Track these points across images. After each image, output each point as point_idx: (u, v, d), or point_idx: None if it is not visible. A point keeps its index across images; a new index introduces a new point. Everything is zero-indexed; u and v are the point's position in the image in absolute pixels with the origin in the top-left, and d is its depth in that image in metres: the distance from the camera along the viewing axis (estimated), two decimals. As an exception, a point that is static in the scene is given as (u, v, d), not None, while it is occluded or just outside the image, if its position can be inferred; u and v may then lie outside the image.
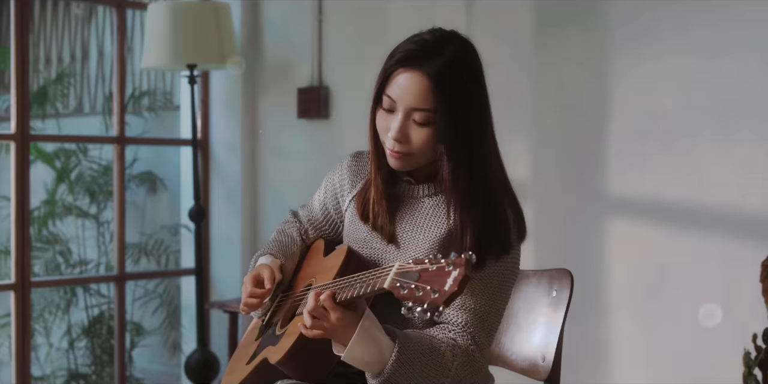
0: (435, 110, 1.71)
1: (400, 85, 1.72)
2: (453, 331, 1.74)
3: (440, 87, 1.69)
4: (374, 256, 1.85)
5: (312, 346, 1.74)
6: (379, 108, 1.78)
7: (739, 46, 3.02)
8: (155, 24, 3.95)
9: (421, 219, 1.83)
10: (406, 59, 1.72)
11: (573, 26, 3.39)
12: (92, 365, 4.74)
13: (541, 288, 2.09)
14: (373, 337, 1.63)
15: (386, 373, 1.64)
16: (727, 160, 3.03)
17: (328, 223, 2.05)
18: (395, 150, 1.75)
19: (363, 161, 1.97)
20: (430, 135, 1.73)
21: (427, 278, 1.44)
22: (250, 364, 1.90)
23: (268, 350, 1.85)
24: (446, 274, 1.42)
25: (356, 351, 1.62)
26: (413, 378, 1.66)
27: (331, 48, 4.12)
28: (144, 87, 5.27)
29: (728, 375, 2.92)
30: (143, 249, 4.90)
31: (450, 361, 1.70)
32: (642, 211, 3.22)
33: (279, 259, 1.98)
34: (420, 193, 1.85)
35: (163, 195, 5.17)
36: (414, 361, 1.66)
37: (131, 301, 4.79)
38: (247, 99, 4.37)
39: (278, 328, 1.90)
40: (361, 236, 1.88)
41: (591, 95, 3.34)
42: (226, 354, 4.20)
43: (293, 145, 4.26)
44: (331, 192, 2.02)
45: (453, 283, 1.41)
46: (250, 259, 4.28)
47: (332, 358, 1.75)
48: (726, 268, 3.02)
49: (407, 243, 1.82)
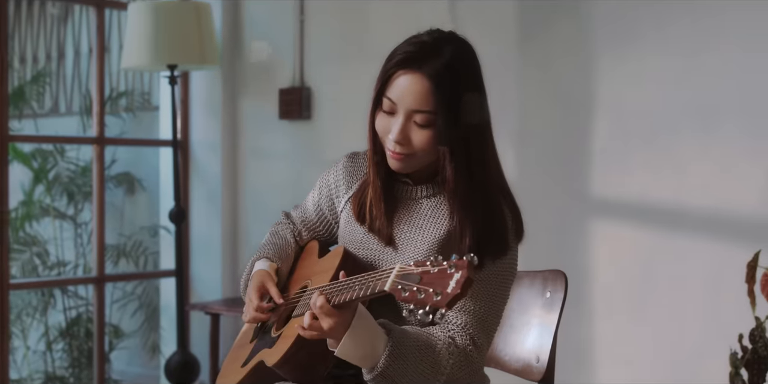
0: (436, 112, 1.71)
1: (401, 87, 1.72)
2: (452, 330, 1.74)
3: (440, 88, 1.69)
4: (371, 258, 1.85)
5: (309, 349, 1.73)
6: (378, 110, 1.77)
7: (720, 45, 3.04)
8: (136, 24, 3.93)
9: (419, 220, 1.83)
10: (405, 61, 1.72)
11: (557, 26, 3.40)
12: (69, 368, 4.70)
13: (534, 289, 2.09)
14: (365, 332, 1.63)
15: (380, 368, 1.64)
16: (710, 159, 3.05)
17: (322, 225, 2.04)
18: (396, 152, 1.75)
19: (359, 162, 1.97)
20: (431, 136, 1.73)
21: (429, 280, 1.44)
22: (246, 367, 1.89)
23: (264, 352, 1.84)
24: (448, 276, 1.42)
25: (349, 346, 1.63)
26: (407, 373, 1.66)
27: (313, 48, 4.11)
28: (122, 87, 5.23)
29: (714, 375, 2.93)
30: (122, 250, 4.86)
31: (446, 359, 1.70)
32: (626, 212, 3.23)
33: (275, 263, 1.97)
34: (419, 194, 1.85)
35: (141, 196, 5.13)
36: (408, 357, 1.66)
37: (109, 303, 4.75)
38: (227, 99, 4.35)
39: (274, 331, 1.89)
40: (357, 237, 1.88)
41: (575, 95, 3.35)
42: (206, 356, 4.17)
43: (274, 146, 4.24)
44: (326, 193, 2.01)
45: (456, 285, 1.40)
46: (231, 261, 4.33)
47: (329, 360, 1.74)
48: (711, 268, 3.04)
49: (405, 244, 1.82)
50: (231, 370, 1.97)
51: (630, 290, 3.22)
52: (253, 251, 4.20)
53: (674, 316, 3.12)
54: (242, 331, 2.11)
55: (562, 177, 3.38)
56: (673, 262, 3.13)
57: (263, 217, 4.28)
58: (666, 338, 3.14)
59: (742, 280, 2.65)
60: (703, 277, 3.06)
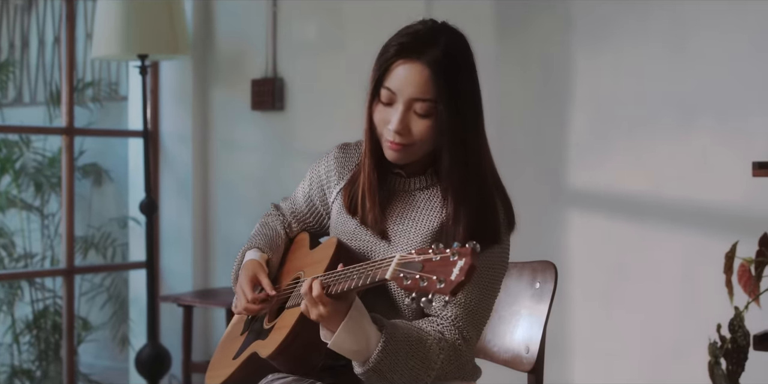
0: (436, 100, 1.71)
1: (400, 77, 1.72)
2: (441, 325, 1.74)
3: (440, 76, 1.70)
4: (363, 249, 1.84)
5: (303, 340, 1.73)
6: (376, 101, 1.77)
7: (697, 38, 3.07)
8: (106, 13, 3.87)
9: (413, 212, 1.83)
10: (403, 51, 1.72)
11: (534, 21, 3.41)
12: (36, 361, 4.65)
13: (523, 280, 2.10)
14: (360, 326, 1.63)
15: (371, 363, 1.64)
16: (687, 151, 3.08)
17: (312, 216, 2.03)
18: (396, 142, 1.74)
19: (350, 153, 1.96)
20: (431, 126, 1.73)
21: (432, 268, 1.43)
22: (238, 359, 1.88)
23: (258, 344, 1.83)
24: (452, 263, 1.42)
25: (343, 340, 1.62)
26: (398, 368, 1.66)
27: (286, 39, 4.08)
28: (88, 78, 5.16)
29: (691, 365, 2.97)
30: (89, 242, 4.81)
31: (436, 354, 1.70)
32: (602, 203, 3.26)
33: (266, 254, 1.96)
34: (412, 186, 1.85)
35: (108, 187, 5.08)
36: (399, 352, 1.66)
37: (77, 296, 4.70)
38: (198, 90, 4.31)
39: (266, 322, 1.88)
40: (349, 229, 1.87)
41: (553, 89, 3.37)
42: (177, 348, 4.14)
43: (246, 137, 4.22)
44: (317, 184, 2.00)
45: (459, 272, 1.40)
46: (202, 252, 4.30)
47: (323, 352, 1.74)
48: (688, 259, 3.08)
49: (398, 236, 1.82)
50: (222, 363, 1.96)
51: (606, 281, 3.25)
52: (225, 242, 4.25)
53: (650, 306, 3.15)
54: (232, 324, 2.09)
55: (539, 169, 3.40)
56: (649, 253, 3.16)
57: (234, 209, 4.26)
58: (642, 328, 3.17)
59: (717, 271, 2.69)
60: (679, 268, 3.10)
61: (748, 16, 2.98)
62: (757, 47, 2.97)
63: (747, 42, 2.99)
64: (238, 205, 4.25)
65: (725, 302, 2.68)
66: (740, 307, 2.57)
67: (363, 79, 3.85)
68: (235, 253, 4.49)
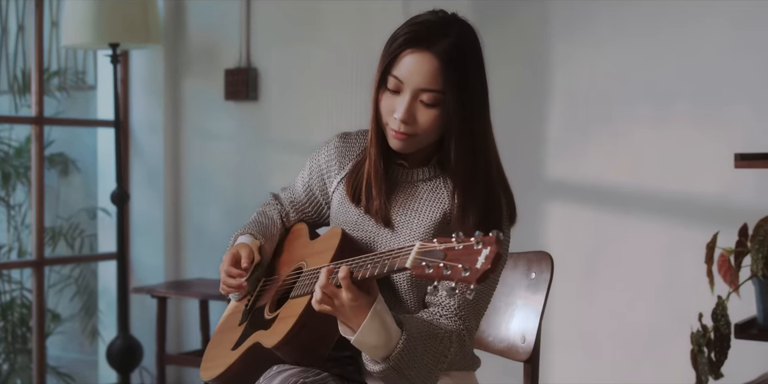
0: (444, 91, 1.70)
1: (408, 66, 1.71)
2: (445, 315, 1.75)
3: (450, 67, 1.69)
4: (366, 239, 1.84)
5: (310, 330, 1.71)
6: (383, 90, 1.76)
7: (675, 31, 3.11)
8: (77, 1, 3.82)
9: (416, 203, 1.83)
10: (413, 40, 1.71)
11: (511, 16, 3.42)
12: (3, 354, 4.57)
13: (518, 271, 2.11)
14: (383, 322, 1.62)
15: (392, 360, 1.63)
16: (666, 143, 3.12)
17: (312, 206, 2.02)
18: (401, 131, 1.74)
19: (350, 142, 1.95)
20: (437, 116, 1.73)
21: (455, 257, 1.42)
22: (238, 350, 1.86)
23: (260, 334, 1.81)
24: (476, 252, 1.40)
25: (367, 335, 1.61)
26: (415, 365, 1.66)
27: (260, 29, 4.06)
28: (53, 66, 5.08)
29: (670, 353, 3.02)
30: (57, 233, 4.75)
31: (447, 348, 1.71)
32: (583, 194, 3.28)
33: (258, 240, 1.94)
34: (415, 177, 1.85)
35: (75, 177, 5.01)
36: (417, 348, 1.65)
37: (45, 288, 4.63)
38: (170, 79, 4.27)
39: (267, 312, 1.86)
40: (351, 219, 1.86)
41: (530, 82, 3.38)
42: (149, 340, 4.11)
43: (220, 127, 4.18)
44: (317, 173, 1.99)
45: (485, 260, 1.39)
46: (173, 244, 4.26)
47: (331, 342, 1.73)
48: (668, 249, 3.11)
49: (402, 226, 1.81)
50: (219, 354, 1.94)
51: (586, 271, 3.28)
52: (197, 234, 4.22)
53: (630, 296, 3.18)
54: (226, 315, 2.07)
55: (517, 161, 3.40)
56: (628, 243, 3.19)
57: (207, 199, 4.23)
58: (621, 318, 3.20)
59: (697, 262, 2.73)
60: (659, 259, 3.13)
61: (724, 6, 3.02)
62: (734, 37, 3.01)
63: (723, 32, 3.02)
64: (211, 195, 4.22)
65: (704, 292, 2.72)
66: (722, 297, 2.61)
67: (339, 69, 3.87)
68: (207, 243, 4.46)
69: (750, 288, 2.68)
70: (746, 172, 2.87)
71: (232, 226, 4.16)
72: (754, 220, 2.60)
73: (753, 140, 2.91)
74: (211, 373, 1.91)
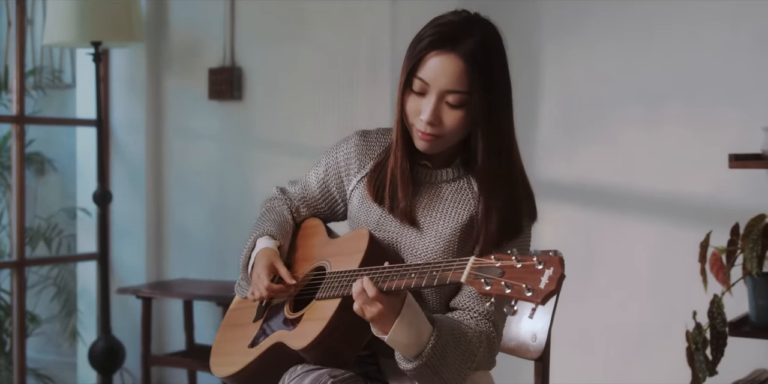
0: (470, 92, 1.71)
1: (433, 68, 1.71)
2: (475, 318, 1.76)
3: (475, 68, 1.70)
4: (389, 239, 1.83)
5: (340, 334, 1.71)
6: (408, 91, 1.76)
7: (666, 32, 3.13)
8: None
9: (440, 204, 1.83)
10: (438, 41, 1.71)
11: (501, 16, 3.41)
12: (-21, 356, 4.51)
13: (527, 270, 2.12)
14: (414, 320, 1.63)
15: (424, 357, 1.64)
16: (657, 143, 3.15)
17: (326, 202, 2.01)
18: (427, 132, 1.74)
19: (371, 141, 1.94)
20: (463, 117, 1.73)
21: (515, 275, 1.42)
22: (258, 348, 1.83)
23: (284, 334, 1.79)
24: (539, 272, 1.40)
25: (399, 334, 1.62)
26: (447, 362, 1.67)
27: (244, 28, 4.04)
28: (29, 65, 5.01)
29: (663, 351, 3.05)
30: (35, 233, 4.69)
31: (476, 348, 1.72)
32: (575, 194, 3.30)
33: (278, 240, 1.93)
34: (439, 178, 1.85)
35: (52, 177, 4.95)
36: (448, 346, 1.67)
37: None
38: (152, 78, 4.24)
39: (288, 311, 1.85)
40: (373, 218, 1.86)
41: (522, 82, 3.38)
42: (130, 341, 4.08)
43: (203, 126, 4.16)
44: (333, 170, 1.97)
45: (549, 281, 1.39)
46: (155, 244, 4.22)
47: (358, 347, 1.73)
48: (660, 249, 3.14)
49: (428, 227, 1.81)
50: (233, 350, 1.91)
51: (579, 272, 3.30)
52: (179, 234, 4.19)
53: (622, 295, 3.21)
54: (231, 310, 2.05)
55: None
56: (621, 243, 3.21)
57: (189, 199, 4.20)
58: (613, 317, 3.22)
59: (689, 261, 2.76)
60: (651, 258, 3.16)
61: (716, 7, 3.05)
62: (725, 38, 3.04)
63: (715, 33, 3.05)
64: (193, 195, 4.19)
65: (696, 290, 2.75)
66: (717, 295, 2.64)
67: (324, 68, 3.85)
68: (189, 244, 4.42)
69: (739, 286, 2.71)
70: (737, 172, 2.91)
71: (214, 226, 4.16)
72: (746, 220, 2.64)
73: (744, 141, 2.94)
74: (226, 369, 1.89)
